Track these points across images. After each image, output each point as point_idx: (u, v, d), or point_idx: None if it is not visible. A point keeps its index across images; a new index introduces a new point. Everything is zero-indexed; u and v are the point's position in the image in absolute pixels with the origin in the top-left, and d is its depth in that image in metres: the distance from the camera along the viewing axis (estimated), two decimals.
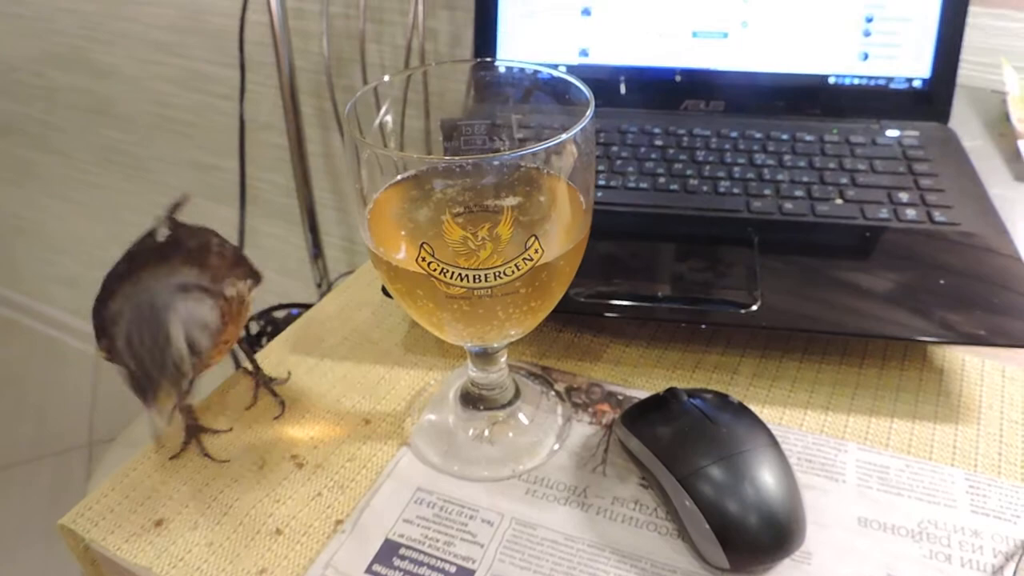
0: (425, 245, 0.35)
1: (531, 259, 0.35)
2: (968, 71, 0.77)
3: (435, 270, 0.35)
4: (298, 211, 1.19)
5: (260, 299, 1.29)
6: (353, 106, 0.37)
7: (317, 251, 1.25)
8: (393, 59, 1.09)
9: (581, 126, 0.35)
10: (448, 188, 0.37)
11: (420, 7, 1.00)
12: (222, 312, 0.41)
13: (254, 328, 1.01)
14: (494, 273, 0.35)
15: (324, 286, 1.23)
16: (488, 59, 0.47)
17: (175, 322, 0.38)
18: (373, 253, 0.38)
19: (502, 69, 0.45)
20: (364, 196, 0.37)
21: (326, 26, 1.06)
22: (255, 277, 0.45)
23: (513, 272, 0.35)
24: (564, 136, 0.35)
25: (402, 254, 0.37)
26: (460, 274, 0.35)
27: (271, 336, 0.96)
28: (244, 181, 1.11)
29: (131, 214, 1.64)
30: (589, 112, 0.37)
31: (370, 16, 1.06)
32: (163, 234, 0.45)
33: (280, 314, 1.05)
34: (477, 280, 0.35)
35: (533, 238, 0.35)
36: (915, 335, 0.46)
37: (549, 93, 0.42)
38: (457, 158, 0.38)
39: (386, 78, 0.41)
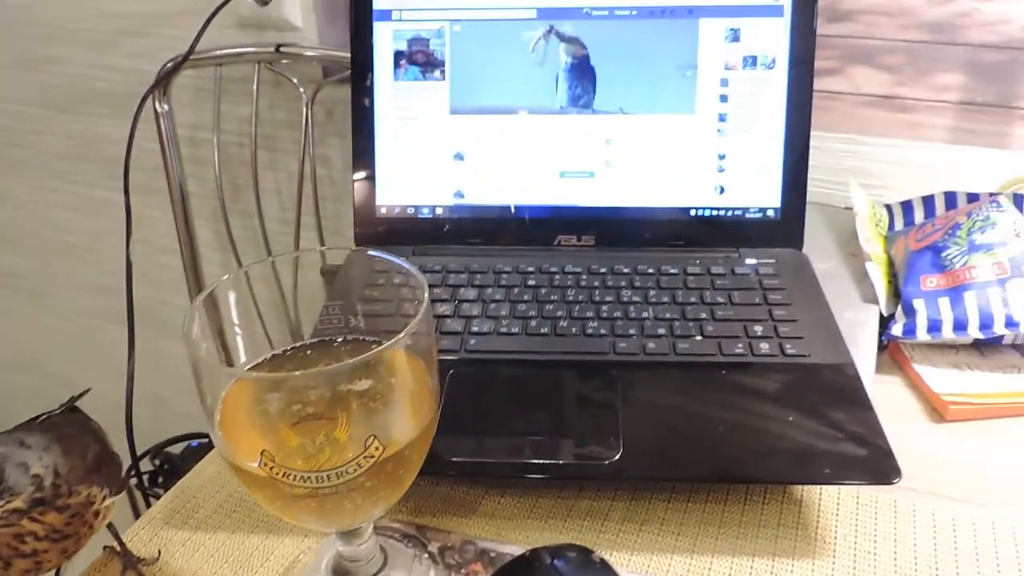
0: (266, 452, 0.35)
1: (372, 456, 0.36)
2: (824, 190, 0.82)
3: (277, 474, 0.36)
4: None
5: (162, 426, 1.27)
6: (186, 321, 0.38)
7: (227, 354, 1.23)
8: (288, 184, 1.11)
9: (410, 330, 0.37)
10: (285, 394, 0.37)
11: (312, 135, 1.02)
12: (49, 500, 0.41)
13: (147, 466, 0.98)
14: (336, 473, 0.36)
15: None
16: (332, 247, 0.48)
17: None
18: (220, 454, 0.38)
19: (351, 254, 0.46)
20: (209, 400, 0.38)
21: (217, 155, 1.07)
22: (114, 486, 0.45)
23: (355, 470, 0.36)
24: (396, 339, 0.36)
25: (247, 459, 0.37)
26: (302, 476, 0.36)
27: (167, 476, 0.94)
28: (131, 304, 1.09)
29: (34, 339, 1.59)
30: (423, 307, 0.38)
31: (263, 144, 1.08)
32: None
33: (177, 448, 1.03)
34: (320, 480, 0.36)
35: (372, 437, 0.36)
36: (765, 478, 0.49)
37: (395, 274, 0.44)
38: (279, 375, 0.39)
39: (225, 277, 0.42)
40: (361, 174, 0.72)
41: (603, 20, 0.68)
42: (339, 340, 0.44)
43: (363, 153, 0.72)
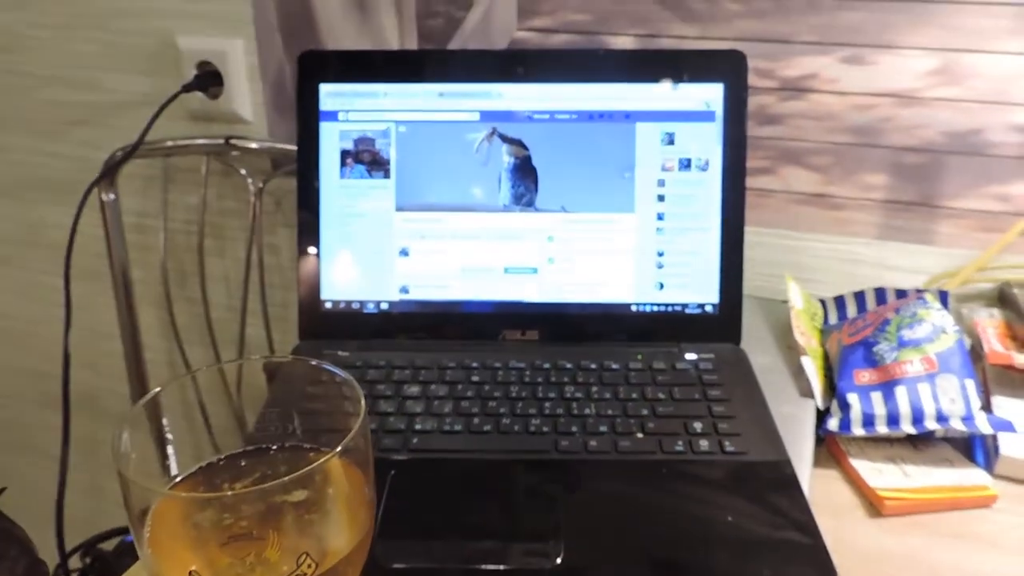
0: (193, 572, 0.35)
1: (305, 574, 0.36)
2: (762, 283, 0.85)
3: None
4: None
5: (99, 515, 1.22)
6: (115, 434, 0.37)
7: (164, 461, 1.20)
8: (235, 272, 1.11)
9: (347, 442, 0.37)
10: (214, 511, 0.37)
11: (260, 224, 1.03)
12: None
13: (75, 563, 0.93)
14: None
15: None
16: (271, 357, 0.48)
17: None
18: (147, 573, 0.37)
19: (289, 361, 0.46)
20: (137, 516, 0.37)
21: (164, 242, 1.07)
22: None
23: None
24: (332, 453, 0.36)
25: None
26: None
27: (98, 575, 0.90)
28: (67, 394, 1.07)
29: None
30: (360, 419, 0.38)
31: (211, 232, 1.08)
32: None
33: (110, 544, 0.99)
34: None
35: (305, 555, 0.35)
36: None
37: (333, 383, 0.44)
38: (206, 495, 0.39)
39: (158, 388, 0.42)
40: (306, 269, 0.72)
41: (544, 123, 0.71)
42: (275, 448, 0.44)
43: (308, 249, 0.72)
